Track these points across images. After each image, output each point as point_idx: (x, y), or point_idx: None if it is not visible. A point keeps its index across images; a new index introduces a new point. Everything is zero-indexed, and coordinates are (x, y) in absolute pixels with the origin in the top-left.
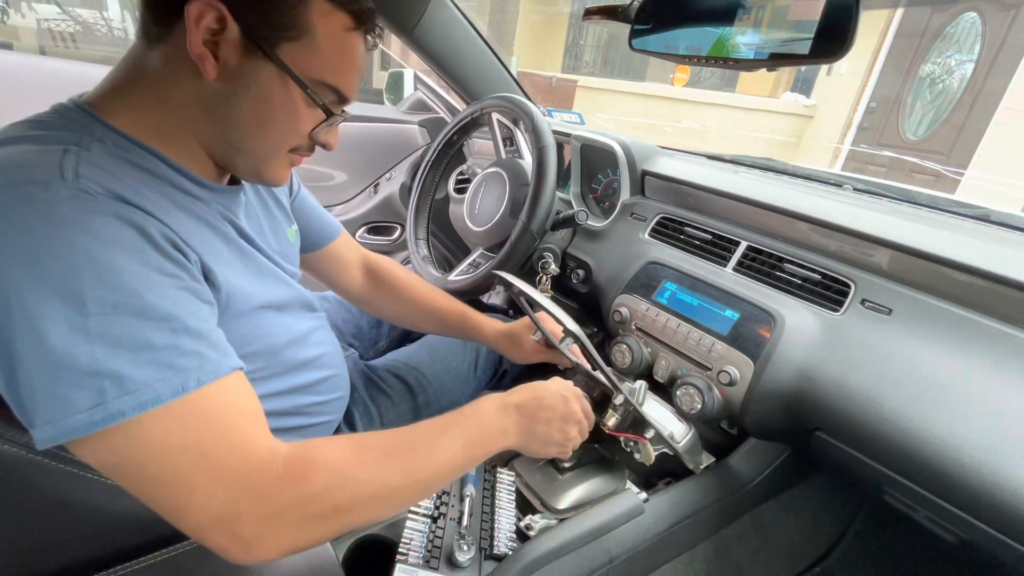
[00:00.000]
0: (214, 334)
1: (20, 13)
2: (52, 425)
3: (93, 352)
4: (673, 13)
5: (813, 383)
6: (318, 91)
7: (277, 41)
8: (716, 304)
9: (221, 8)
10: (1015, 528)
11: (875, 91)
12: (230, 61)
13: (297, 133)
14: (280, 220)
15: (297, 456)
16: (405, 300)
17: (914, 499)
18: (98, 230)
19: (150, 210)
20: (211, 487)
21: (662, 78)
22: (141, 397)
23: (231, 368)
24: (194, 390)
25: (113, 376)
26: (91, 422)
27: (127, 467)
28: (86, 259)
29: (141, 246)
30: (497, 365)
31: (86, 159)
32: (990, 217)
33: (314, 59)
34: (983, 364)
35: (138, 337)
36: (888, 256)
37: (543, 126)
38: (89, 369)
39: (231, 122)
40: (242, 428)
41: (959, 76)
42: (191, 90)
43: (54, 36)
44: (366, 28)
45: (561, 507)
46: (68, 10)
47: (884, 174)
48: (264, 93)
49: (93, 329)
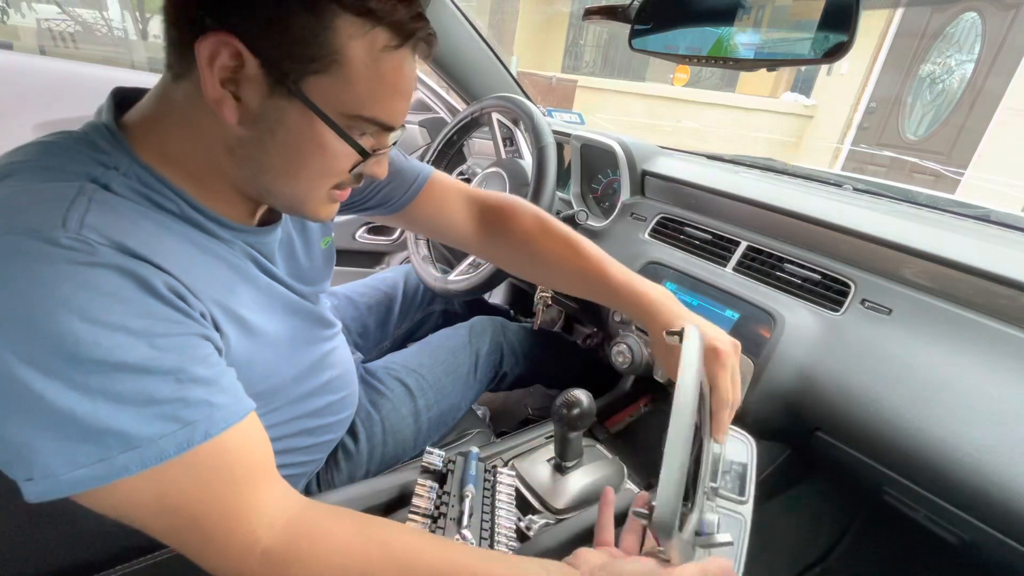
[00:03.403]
0: (224, 378)
1: (20, 13)
2: (50, 479)
3: (96, 410)
4: (673, 13)
5: (813, 383)
6: (354, 126)
7: (301, 75)
8: (716, 304)
9: (235, 43)
10: (1015, 528)
11: (875, 91)
12: (252, 102)
13: (335, 173)
14: (313, 230)
15: (289, 540)
16: (534, 253)
17: (914, 499)
18: (96, 285)
19: (156, 260)
20: (201, 548)
21: (662, 78)
22: (144, 453)
23: (244, 412)
24: (200, 443)
25: (117, 433)
26: (92, 477)
27: (128, 517)
28: (83, 316)
29: (141, 298)
30: (497, 368)
31: (99, 202)
32: (990, 217)
33: (347, 91)
34: (983, 364)
35: (142, 393)
36: (888, 256)
37: (543, 126)
38: (92, 426)
39: (260, 167)
40: (242, 490)
41: (959, 76)
42: (216, 133)
43: (54, 36)
44: (412, 42)
45: (561, 507)
46: (68, 10)
47: (884, 174)
48: (292, 136)
49: (94, 387)
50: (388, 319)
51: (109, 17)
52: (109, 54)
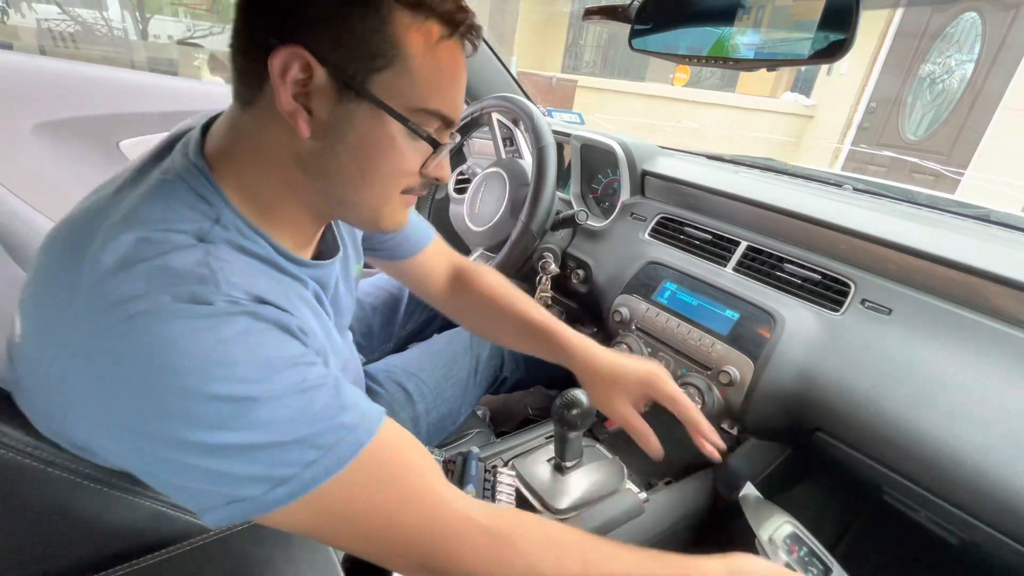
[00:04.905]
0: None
1: (20, 13)
2: (249, 502)
3: (269, 435)
4: (673, 13)
5: (813, 383)
6: (420, 121)
7: (367, 75)
8: (716, 304)
9: (304, 54)
10: (1015, 528)
11: (875, 91)
12: (323, 111)
13: (405, 173)
14: (351, 258)
15: (502, 521)
16: (490, 310)
17: (914, 499)
18: (259, 332)
19: (280, 303)
20: (405, 548)
21: (662, 78)
22: (328, 461)
23: (382, 414)
24: (367, 444)
25: (306, 441)
26: (290, 493)
27: (327, 527)
28: (259, 361)
29: (290, 341)
30: (497, 372)
31: (220, 258)
32: (990, 217)
33: (409, 85)
34: (983, 364)
35: (309, 407)
36: (888, 256)
37: (543, 126)
38: (280, 442)
39: (333, 177)
40: (424, 473)
41: (959, 76)
42: (288, 150)
43: (54, 36)
44: (461, 32)
45: (561, 507)
46: (68, 10)
47: (884, 174)
48: (362, 138)
49: (263, 417)
50: (393, 320)
51: (109, 17)
52: (109, 54)
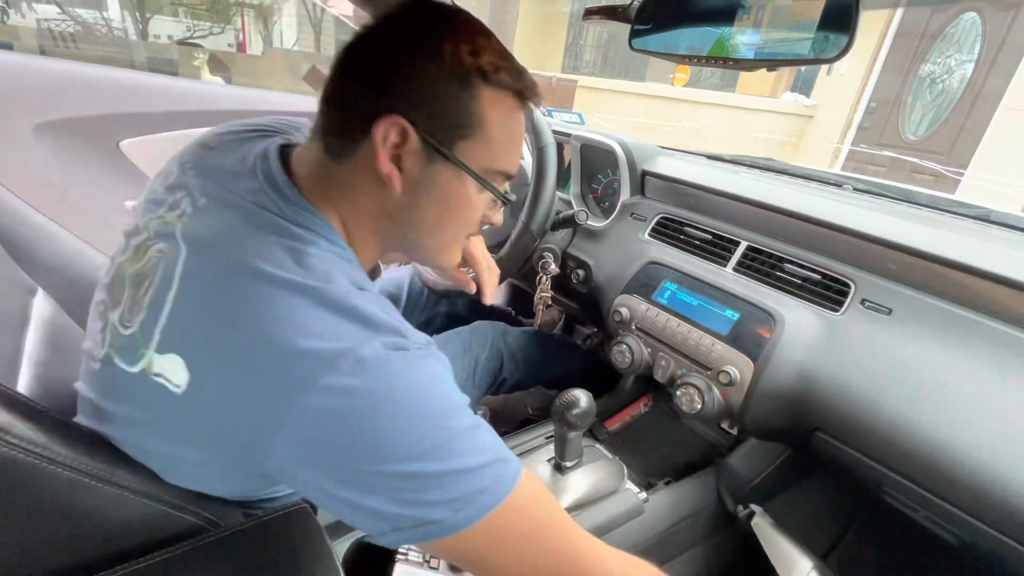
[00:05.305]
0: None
1: (20, 13)
2: (436, 525)
3: (463, 463)
4: (673, 13)
5: (813, 383)
6: (492, 179)
7: (453, 141)
8: (716, 304)
9: (403, 123)
10: (1015, 528)
11: (875, 91)
12: (413, 171)
13: (473, 222)
14: None
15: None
16: None
17: (914, 499)
18: (442, 365)
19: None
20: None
21: (662, 78)
22: (498, 487)
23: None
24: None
25: (483, 469)
26: (468, 517)
27: (484, 558)
28: (445, 395)
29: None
30: (496, 374)
31: (378, 304)
32: (990, 217)
33: (486, 150)
34: (983, 364)
35: (475, 440)
36: (888, 256)
37: (543, 126)
38: (468, 469)
39: (414, 224)
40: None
41: (959, 76)
42: (378, 201)
43: (54, 36)
44: (533, 102)
45: (561, 507)
46: (68, 10)
47: (884, 174)
48: (444, 194)
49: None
50: None
51: (109, 17)
52: (109, 54)
